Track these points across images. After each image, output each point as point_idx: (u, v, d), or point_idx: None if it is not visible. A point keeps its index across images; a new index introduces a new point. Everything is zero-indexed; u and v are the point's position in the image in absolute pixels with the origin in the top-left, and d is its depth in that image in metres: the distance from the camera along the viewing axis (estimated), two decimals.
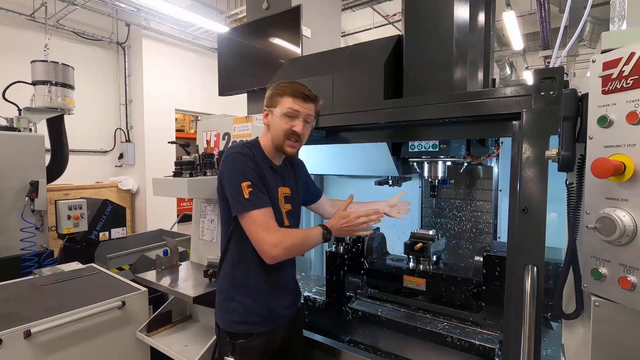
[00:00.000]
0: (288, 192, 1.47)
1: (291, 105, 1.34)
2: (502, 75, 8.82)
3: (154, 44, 6.23)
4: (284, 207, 1.44)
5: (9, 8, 4.91)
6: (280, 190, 1.43)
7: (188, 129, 8.41)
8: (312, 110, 1.39)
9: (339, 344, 1.62)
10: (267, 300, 1.40)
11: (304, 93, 1.35)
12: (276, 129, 1.37)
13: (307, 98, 1.36)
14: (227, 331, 1.39)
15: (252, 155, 1.35)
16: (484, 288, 1.56)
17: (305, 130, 1.38)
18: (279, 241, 1.26)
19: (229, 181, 1.32)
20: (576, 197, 0.91)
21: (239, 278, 1.39)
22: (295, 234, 1.34)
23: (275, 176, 1.43)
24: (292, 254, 1.35)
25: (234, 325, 1.38)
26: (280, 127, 1.35)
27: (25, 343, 1.57)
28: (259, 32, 2.83)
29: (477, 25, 1.61)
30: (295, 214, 1.51)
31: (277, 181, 1.43)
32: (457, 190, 2.13)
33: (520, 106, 1.19)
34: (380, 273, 1.88)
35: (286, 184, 1.47)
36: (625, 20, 0.98)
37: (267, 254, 1.28)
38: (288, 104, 1.34)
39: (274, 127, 1.38)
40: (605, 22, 5.50)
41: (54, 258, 3.06)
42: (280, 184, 1.44)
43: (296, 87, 1.36)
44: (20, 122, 3.27)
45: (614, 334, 0.86)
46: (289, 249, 1.29)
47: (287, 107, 1.34)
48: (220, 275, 1.46)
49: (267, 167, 1.41)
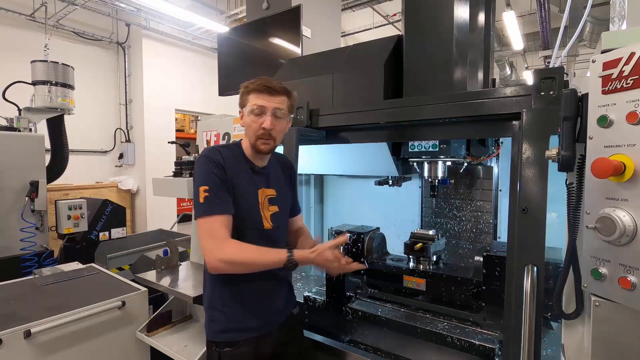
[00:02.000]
0: (273, 193, 1.40)
1: (255, 102, 1.29)
2: (502, 75, 8.82)
3: (154, 44, 6.23)
4: (268, 209, 1.38)
5: (9, 8, 4.91)
6: (262, 192, 1.38)
7: (188, 129, 8.42)
8: (281, 104, 1.32)
9: (339, 344, 1.62)
10: (251, 307, 1.34)
11: (267, 86, 1.29)
12: (248, 129, 1.33)
13: (271, 91, 1.29)
14: (212, 341, 1.34)
15: (220, 159, 1.30)
16: (484, 288, 1.56)
17: (278, 124, 1.32)
18: (225, 254, 1.20)
19: (193, 184, 1.30)
20: (576, 197, 0.91)
21: (219, 285, 1.35)
22: (249, 251, 1.24)
23: (256, 178, 1.38)
24: (240, 270, 1.26)
25: (218, 335, 1.33)
26: (250, 126, 1.32)
27: (25, 343, 1.57)
28: (259, 32, 2.83)
29: (477, 25, 1.61)
30: (283, 215, 1.45)
31: (258, 183, 1.38)
32: (457, 190, 2.13)
33: (520, 106, 1.19)
34: (380, 273, 1.88)
35: (271, 185, 1.41)
36: (625, 20, 0.98)
37: (209, 265, 1.23)
38: (253, 101, 1.30)
39: (246, 126, 1.34)
40: (605, 22, 5.50)
41: (54, 258, 3.06)
42: (263, 186, 1.38)
43: (260, 82, 1.30)
44: (20, 122, 3.27)
45: (614, 334, 0.86)
46: (235, 265, 1.22)
47: (252, 104, 1.30)
48: (203, 284, 1.42)
49: (245, 168, 1.36)
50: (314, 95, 1.79)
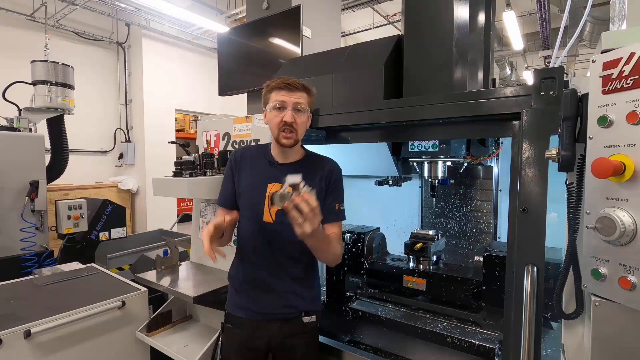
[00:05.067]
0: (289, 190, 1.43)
1: (277, 98, 1.38)
2: (502, 75, 8.82)
3: (154, 44, 6.22)
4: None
5: (9, 8, 4.91)
6: (272, 186, 1.40)
7: (188, 129, 8.41)
8: (302, 99, 1.40)
9: (339, 344, 1.62)
10: (246, 292, 1.46)
11: (287, 83, 1.38)
12: (271, 124, 1.41)
13: (291, 87, 1.38)
14: (225, 310, 1.53)
15: (234, 156, 1.50)
16: (484, 288, 1.56)
17: (299, 118, 1.38)
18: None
19: None
20: (576, 197, 0.91)
21: (233, 260, 1.54)
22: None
23: (269, 171, 1.44)
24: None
25: (227, 305, 1.53)
26: (273, 121, 1.39)
27: (25, 343, 1.57)
28: (259, 32, 2.83)
29: (477, 25, 1.61)
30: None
31: (270, 177, 1.42)
32: (457, 190, 2.13)
33: (520, 106, 1.19)
34: (380, 273, 1.88)
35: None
36: (625, 20, 0.98)
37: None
38: (274, 97, 1.39)
39: (269, 123, 1.42)
40: (605, 22, 5.50)
41: (54, 258, 3.06)
42: (273, 180, 1.40)
43: (280, 80, 1.39)
44: (20, 122, 3.27)
45: (614, 334, 0.86)
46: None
47: (274, 100, 1.39)
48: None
49: (261, 163, 1.47)
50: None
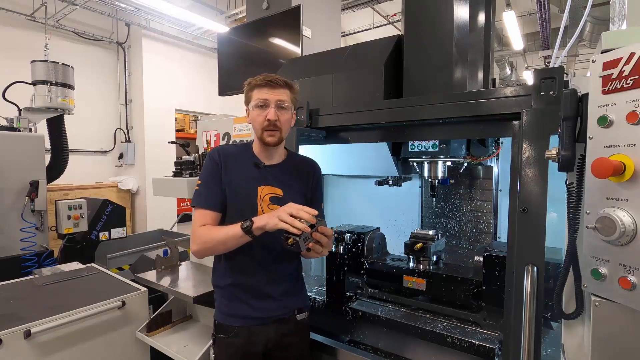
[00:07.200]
0: (278, 193, 1.39)
1: (259, 95, 1.34)
2: (502, 75, 8.82)
3: (154, 44, 6.22)
4: (269, 207, 1.37)
5: (9, 8, 4.91)
6: (262, 189, 1.38)
7: (188, 129, 8.41)
8: (284, 96, 1.36)
9: (339, 344, 1.62)
10: (239, 300, 1.39)
11: (268, 80, 1.34)
12: (254, 123, 1.38)
13: (273, 84, 1.34)
14: (214, 321, 1.44)
15: (218, 156, 1.39)
16: (484, 288, 1.56)
17: (282, 116, 1.35)
18: (197, 237, 1.32)
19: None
20: (576, 197, 0.91)
21: (216, 269, 1.46)
22: (214, 230, 1.32)
23: (258, 174, 1.40)
24: (211, 249, 1.34)
25: (216, 315, 1.43)
26: (256, 120, 1.36)
27: (25, 343, 1.57)
28: (259, 32, 2.83)
29: (477, 25, 1.61)
30: None
31: (260, 179, 1.39)
32: (457, 190, 2.13)
33: (520, 106, 1.19)
34: (380, 273, 1.88)
35: (277, 184, 1.40)
36: (625, 20, 0.98)
37: (192, 250, 1.35)
38: (256, 95, 1.35)
39: (252, 122, 1.38)
40: (605, 22, 5.50)
41: (54, 258, 3.06)
42: (265, 183, 1.39)
43: (261, 77, 1.36)
44: (20, 122, 3.27)
45: (614, 334, 0.86)
46: (206, 245, 1.32)
47: (256, 99, 1.35)
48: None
49: (248, 164, 1.40)
50: (314, 95, 1.79)
